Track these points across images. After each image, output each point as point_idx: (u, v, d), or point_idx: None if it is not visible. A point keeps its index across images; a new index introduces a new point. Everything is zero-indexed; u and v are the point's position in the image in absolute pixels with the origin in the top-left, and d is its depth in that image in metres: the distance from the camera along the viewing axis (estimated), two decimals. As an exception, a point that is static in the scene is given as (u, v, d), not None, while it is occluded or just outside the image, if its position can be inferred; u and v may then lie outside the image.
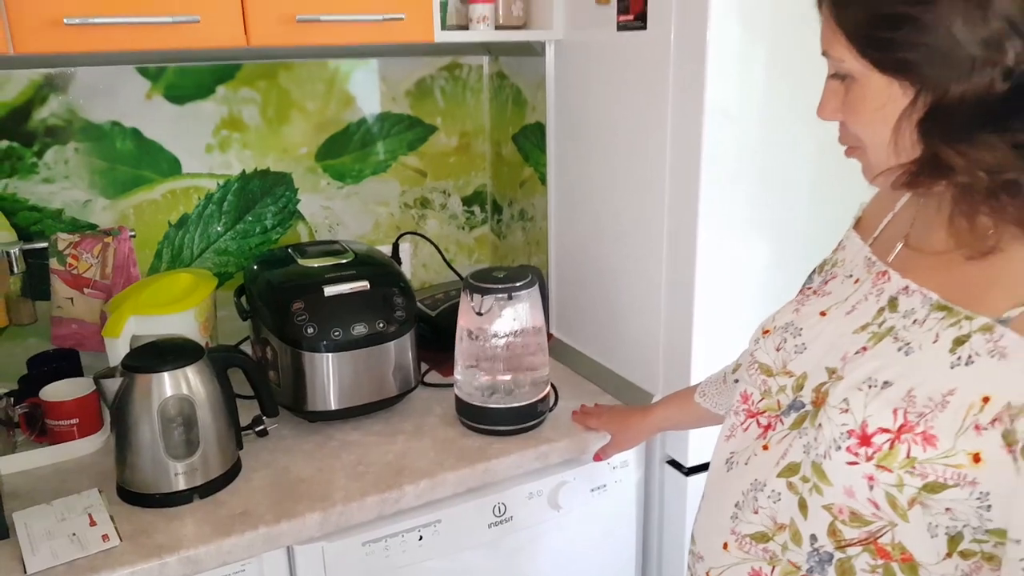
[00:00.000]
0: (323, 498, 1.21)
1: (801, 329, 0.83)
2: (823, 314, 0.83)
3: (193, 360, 1.21)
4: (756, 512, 0.81)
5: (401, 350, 1.44)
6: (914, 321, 0.72)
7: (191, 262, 1.67)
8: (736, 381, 1.09)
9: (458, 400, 1.41)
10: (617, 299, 1.54)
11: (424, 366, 1.63)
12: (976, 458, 0.63)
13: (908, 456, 0.65)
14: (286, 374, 1.40)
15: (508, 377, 1.39)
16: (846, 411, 0.71)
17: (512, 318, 1.35)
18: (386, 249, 1.79)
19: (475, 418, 1.39)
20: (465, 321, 1.38)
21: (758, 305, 1.05)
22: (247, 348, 1.58)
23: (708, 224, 1.30)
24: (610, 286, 1.56)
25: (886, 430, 0.67)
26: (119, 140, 1.55)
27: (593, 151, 1.54)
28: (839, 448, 0.70)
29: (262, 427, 1.38)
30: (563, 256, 1.71)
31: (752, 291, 1.37)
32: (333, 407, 1.41)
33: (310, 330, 1.35)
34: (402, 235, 1.83)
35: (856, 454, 0.69)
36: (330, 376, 1.38)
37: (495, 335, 1.36)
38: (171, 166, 1.61)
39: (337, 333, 1.36)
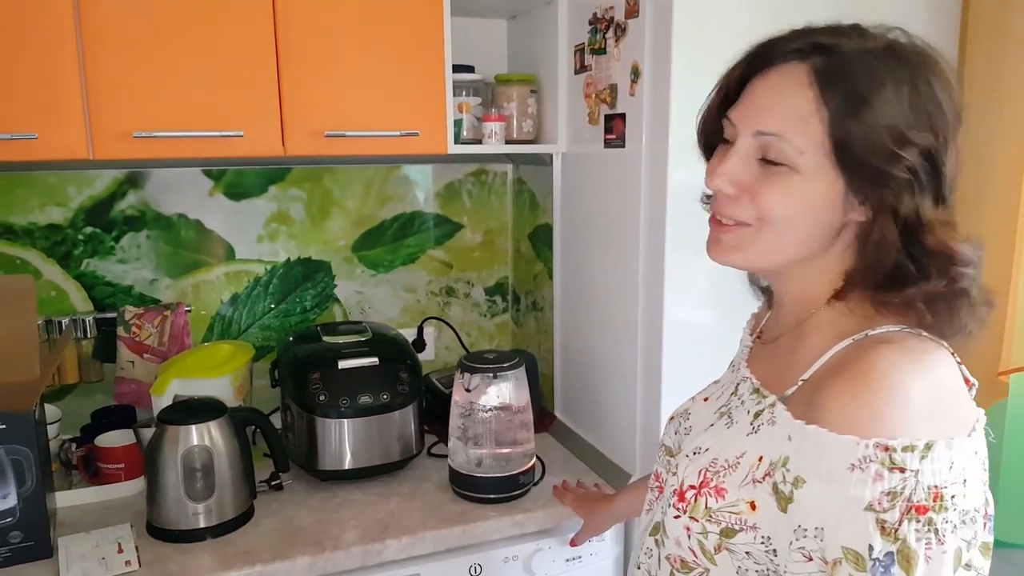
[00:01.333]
0: (314, 544, 1.37)
1: (690, 414, 0.98)
2: (706, 400, 0.97)
3: (216, 417, 1.42)
4: (639, 568, 0.95)
5: (404, 421, 1.62)
6: (742, 402, 0.86)
7: (238, 335, 1.91)
8: None
9: (450, 468, 1.57)
10: (603, 383, 1.69)
11: (433, 438, 1.80)
12: (752, 505, 0.76)
13: (706, 507, 0.79)
14: (301, 436, 1.59)
15: (494, 450, 1.54)
16: (675, 475, 0.85)
17: (496, 395, 1.52)
18: (412, 332, 1.99)
19: (463, 485, 1.54)
20: (458, 396, 1.55)
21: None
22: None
23: (673, 303, 1.45)
24: (597, 371, 1.71)
25: (693, 487, 0.81)
26: (184, 229, 1.82)
27: (587, 249, 1.72)
28: (670, 505, 0.84)
29: (278, 481, 1.57)
30: (565, 343, 1.87)
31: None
32: (340, 468, 1.58)
33: (322, 398, 1.55)
34: (426, 319, 2.03)
35: (678, 508, 0.82)
36: (337, 440, 1.57)
37: (481, 409, 1.52)
38: (226, 252, 1.87)
39: (345, 401, 1.55)
